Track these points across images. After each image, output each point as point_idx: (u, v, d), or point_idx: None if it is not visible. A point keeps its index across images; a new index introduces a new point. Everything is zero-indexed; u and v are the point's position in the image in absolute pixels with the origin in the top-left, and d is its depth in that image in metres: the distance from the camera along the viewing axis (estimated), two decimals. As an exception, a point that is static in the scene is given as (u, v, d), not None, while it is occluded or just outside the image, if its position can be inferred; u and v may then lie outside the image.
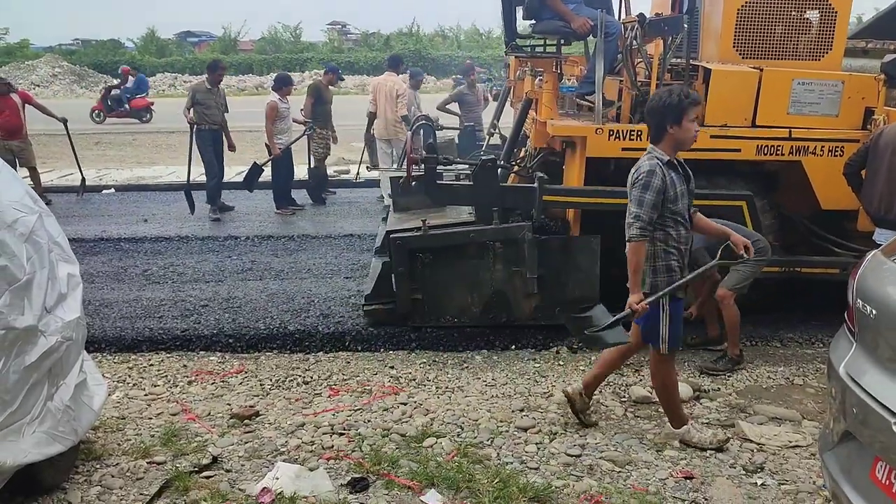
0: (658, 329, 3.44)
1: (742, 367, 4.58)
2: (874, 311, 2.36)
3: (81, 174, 9.91)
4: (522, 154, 6.29)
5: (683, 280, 3.46)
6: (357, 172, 10.73)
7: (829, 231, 5.22)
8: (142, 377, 4.50)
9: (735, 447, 3.59)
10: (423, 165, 5.13)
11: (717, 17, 5.23)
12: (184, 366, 4.68)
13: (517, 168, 6.10)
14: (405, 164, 5.26)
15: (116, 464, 3.35)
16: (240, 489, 3.18)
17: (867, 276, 2.52)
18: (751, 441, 3.64)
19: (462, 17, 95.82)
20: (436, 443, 3.59)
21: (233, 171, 9.60)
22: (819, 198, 5.05)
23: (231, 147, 9.14)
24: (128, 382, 4.41)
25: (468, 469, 3.29)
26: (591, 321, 3.67)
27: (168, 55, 39.60)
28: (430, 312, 5.05)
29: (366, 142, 10.25)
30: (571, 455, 3.49)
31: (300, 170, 9.63)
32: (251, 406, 4.01)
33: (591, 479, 3.27)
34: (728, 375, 4.49)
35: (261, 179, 8.92)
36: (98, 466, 3.33)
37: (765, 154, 4.97)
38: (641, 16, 4.83)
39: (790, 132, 4.95)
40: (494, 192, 5.07)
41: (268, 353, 4.91)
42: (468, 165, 5.76)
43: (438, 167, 5.25)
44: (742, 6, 5.07)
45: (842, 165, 4.71)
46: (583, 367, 4.58)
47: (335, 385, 4.36)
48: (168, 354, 4.89)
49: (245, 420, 3.85)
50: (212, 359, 4.82)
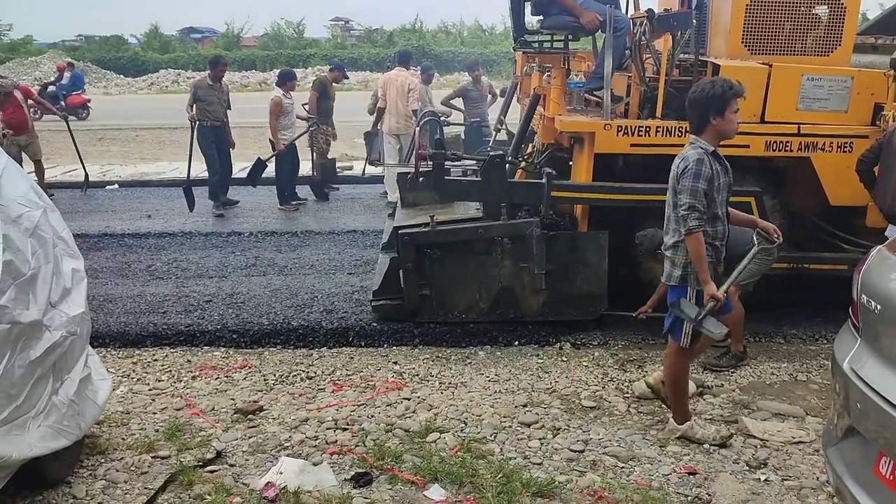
0: (682, 322, 3.42)
1: (746, 364, 4.57)
2: (878, 307, 2.35)
3: (84, 170, 9.93)
4: (530, 150, 6.29)
5: (737, 272, 3.39)
6: (363, 168, 10.74)
7: (838, 227, 5.21)
8: (146, 372, 4.51)
9: (738, 443, 3.58)
10: (432, 161, 5.13)
11: (726, 13, 5.21)
12: (188, 361, 4.69)
13: (525, 164, 6.10)
14: (413, 160, 5.26)
15: (121, 458, 3.37)
16: (244, 483, 3.19)
17: (872, 272, 2.51)
18: (754, 437, 3.64)
19: (465, 14, 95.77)
20: (439, 438, 3.59)
21: (236, 168, 9.60)
22: (828, 194, 5.03)
23: (230, 144, 9.13)
24: (132, 377, 4.42)
25: (471, 464, 3.29)
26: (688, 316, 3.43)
27: (171, 51, 39.49)
28: (438, 308, 5.06)
29: (365, 137, 10.24)
30: (574, 450, 3.49)
31: (304, 165, 9.62)
32: (255, 401, 4.02)
33: (595, 475, 3.27)
34: (732, 372, 4.49)
35: (264, 175, 8.93)
36: (102, 461, 3.35)
37: (774, 150, 4.96)
38: (650, 11, 4.83)
39: (799, 128, 4.93)
40: (502, 188, 5.06)
41: (271, 349, 4.92)
42: (475, 161, 5.76)
43: (446, 163, 5.25)
44: (751, 1, 5.04)
45: (851, 161, 4.69)
46: (585, 363, 4.58)
47: (339, 380, 4.37)
48: (172, 349, 4.90)
49: (249, 415, 3.86)
50: (215, 354, 4.83)
